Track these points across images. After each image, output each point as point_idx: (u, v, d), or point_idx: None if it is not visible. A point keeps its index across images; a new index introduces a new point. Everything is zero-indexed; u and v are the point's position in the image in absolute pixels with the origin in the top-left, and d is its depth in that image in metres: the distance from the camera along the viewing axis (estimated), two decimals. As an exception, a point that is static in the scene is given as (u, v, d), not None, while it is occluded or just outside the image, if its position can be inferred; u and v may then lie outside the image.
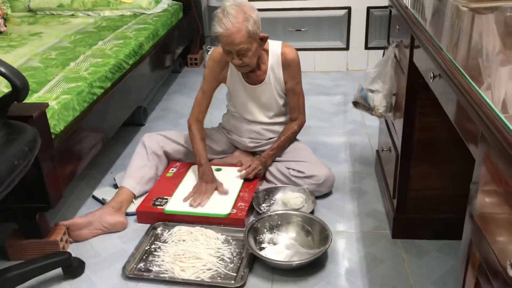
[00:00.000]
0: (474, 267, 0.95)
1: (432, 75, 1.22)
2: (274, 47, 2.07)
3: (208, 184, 2.01)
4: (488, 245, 0.86)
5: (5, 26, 2.94)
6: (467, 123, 0.95)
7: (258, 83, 2.10)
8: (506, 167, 0.75)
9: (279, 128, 2.21)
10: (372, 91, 1.85)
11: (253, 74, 2.08)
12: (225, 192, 2.00)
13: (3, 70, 1.40)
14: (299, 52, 2.14)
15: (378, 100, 1.83)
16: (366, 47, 3.55)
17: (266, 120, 2.19)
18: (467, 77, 0.91)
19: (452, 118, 1.09)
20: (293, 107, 2.16)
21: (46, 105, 1.64)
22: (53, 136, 1.72)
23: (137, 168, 2.10)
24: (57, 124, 1.77)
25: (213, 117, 2.60)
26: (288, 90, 2.12)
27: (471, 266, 0.97)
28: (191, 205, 1.94)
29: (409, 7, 1.61)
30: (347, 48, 3.56)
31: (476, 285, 0.94)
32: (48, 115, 1.70)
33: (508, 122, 0.72)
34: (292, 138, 2.19)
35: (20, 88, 1.43)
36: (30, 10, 3.43)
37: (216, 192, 2.02)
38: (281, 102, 2.16)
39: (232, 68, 2.09)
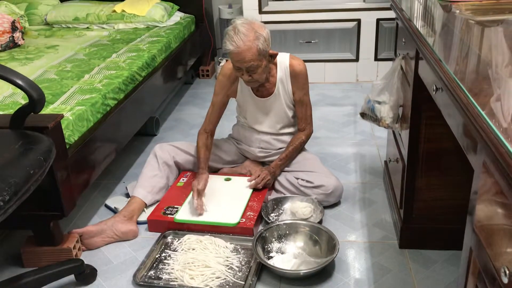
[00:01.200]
0: (474, 274, 0.97)
1: (435, 87, 1.25)
2: (282, 59, 2.11)
3: (194, 181, 2.04)
4: (486, 253, 0.88)
5: (23, 39, 3.02)
6: (466, 135, 0.98)
7: (267, 95, 2.14)
8: (501, 178, 0.78)
9: (288, 138, 2.24)
10: (379, 103, 1.87)
11: (263, 87, 2.12)
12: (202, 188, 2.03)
13: (20, 82, 1.46)
14: (310, 64, 2.18)
15: (385, 112, 1.85)
16: (376, 59, 3.58)
17: (275, 131, 2.23)
18: (464, 90, 0.94)
19: (453, 129, 1.12)
20: (300, 118, 2.20)
21: (61, 116, 1.70)
22: (67, 146, 1.78)
23: (148, 178, 2.15)
24: (71, 135, 1.82)
25: (224, 128, 2.64)
26: (296, 101, 2.16)
27: (471, 274, 0.99)
28: (200, 214, 1.97)
29: (413, 19, 1.64)
30: (357, 60, 3.59)
31: (476, 293, 0.95)
32: (63, 126, 1.76)
33: (501, 135, 0.75)
34: (300, 148, 2.22)
35: (36, 100, 1.48)
36: (46, 24, 3.53)
37: (225, 201, 2.05)
38: (290, 113, 2.19)
39: (242, 83, 2.14)
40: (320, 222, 1.99)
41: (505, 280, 0.73)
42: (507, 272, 0.72)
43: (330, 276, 1.74)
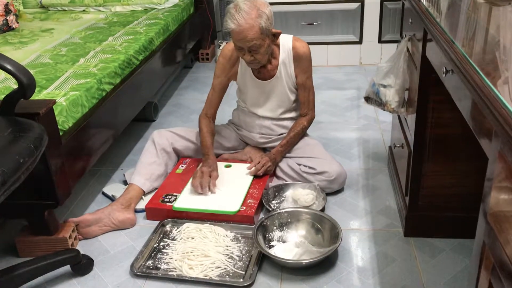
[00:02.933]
0: (488, 269, 0.91)
1: (444, 70, 1.18)
2: (285, 41, 2.03)
3: (210, 168, 2.00)
4: (500, 246, 0.82)
5: (17, 22, 2.94)
6: (480, 120, 0.92)
7: (269, 78, 2.07)
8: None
9: (290, 124, 2.18)
10: (384, 86, 1.81)
11: (264, 69, 2.05)
12: (214, 179, 1.99)
13: (8, 67, 1.39)
14: (312, 46, 2.10)
15: (390, 95, 1.79)
16: (380, 41, 3.49)
17: (277, 115, 2.16)
18: (480, 73, 0.87)
19: (465, 114, 1.05)
20: (303, 102, 2.13)
21: (54, 102, 1.63)
22: (61, 133, 1.72)
23: (146, 164, 2.09)
24: (65, 121, 1.76)
25: (224, 113, 2.57)
26: (298, 85, 2.09)
27: (484, 268, 0.93)
28: (200, 193, 1.94)
29: (422, -1, 1.57)
30: (360, 42, 3.51)
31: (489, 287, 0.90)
32: (56, 112, 1.69)
33: (522, 120, 0.68)
34: (302, 134, 2.16)
35: (26, 85, 1.42)
36: (42, 6, 3.44)
37: (225, 188, 1.99)
38: (292, 97, 2.13)
39: (242, 65, 2.07)
40: (323, 209, 1.93)
41: (526, 279, 0.67)
42: (528, 271, 0.66)
43: (333, 265, 1.69)
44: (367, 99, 1.91)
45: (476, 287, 0.96)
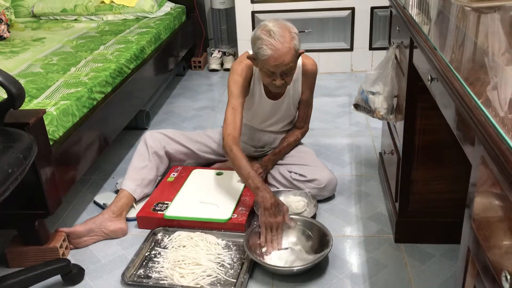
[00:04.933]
0: (473, 275, 0.92)
1: (430, 77, 1.20)
2: None
3: (275, 216, 1.74)
4: (484, 253, 0.83)
5: (9, 32, 2.95)
6: (463, 127, 0.93)
7: (279, 97, 2.06)
8: (499, 173, 0.73)
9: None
10: (373, 93, 1.82)
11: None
12: (292, 225, 1.79)
13: (-3, 77, 1.40)
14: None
15: (379, 102, 1.80)
16: (371, 48, 3.52)
17: (277, 129, 2.18)
18: (461, 80, 0.88)
19: (449, 121, 1.07)
20: (301, 116, 2.14)
21: (43, 111, 1.64)
22: (51, 143, 1.72)
23: (137, 169, 2.08)
24: (55, 130, 1.76)
25: (216, 120, 2.59)
26: (302, 100, 2.09)
27: (469, 275, 0.94)
28: (266, 251, 1.73)
29: (407, 7, 1.58)
30: (351, 49, 3.53)
31: (474, 294, 0.91)
32: (47, 122, 1.69)
33: (500, 129, 0.70)
34: (294, 145, 2.18)
35: (15, 95, 1.42)
36: (34, 16, 3.45)
37: (216, 196, 1.99)
38: (294, 112, 2.15)
39: (254, 82, 2.02)
40: (314, 216, 1.94)
41: (506, 286, 0.68)
42: (508, 277, 0.67)
43: (325, 272, 1.69)
44: (356, 106, 1.92)
45: (462, 293, 0.97)
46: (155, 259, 1.76)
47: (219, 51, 3.80)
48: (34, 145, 1.44)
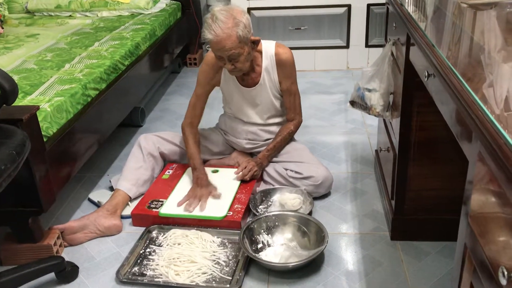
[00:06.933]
0: (469, 272, 0.91)
1: (426, 73, 1.19)
2: (268, 47, 2.03)
3: (202, 188, 1.97)
4: (481, 249, 0.82)
5: (2, 28, 2.92)
6: (459, 123, 0.92)
7: (253, 85, 2.07)
8: (498, 170, 0.72)
9: (276, 129, 2.18)
10: (369, 90, 1.81)
11: (248, 76, 2.05)
12: (218, 196, 1.97)
13: (-10, 73, 1.38)
14: (299, 51, 2.10)
15: (375, 99, 1.79)
16: (367, 45, 3.51)
17: (262, 121, 2.16)
18: (459, 76, 0.88)
19: (446, 117, 1.06)
20: (289, 107, 2.13)
21: (37, 108, 1.62)
22: (45, 139, 1.70)
23: (133, 169, 2.08)
24: (49, 127, 1.74)
25: (211, 117, 2.57)
26: (283, 91, 2.09)
27: (466, 271, 0.93)
28: (186, 210, 1.90)
29: (404, 4, 1.58)
30: (347, 46, 3.52)
31: (471, 291, 0.90)
32: (40, 118, 1.68)
33: (498, 124, 0.69)
34: (288, 139, 2.16)
35: (8, 91, 1.40)
36: (28, 12, 3.42)
37: (210, 196, 1.99)
38: (277, 103, 2.13)
39: (226, 72, 2.06)
40: (310, 213, 1.93)
41: (504, 281, 0.67)
42: (506, 273, 0.67)
43: (320, 269, 1.69)
44: (353, 103, 1.91)
45: (458, 289, 0.96)
46: (150, 256, 1.75)
47: (210, 50, 3.77)
48: (27, 141, 1.42)
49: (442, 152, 1.66)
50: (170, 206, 1.94)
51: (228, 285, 1.60)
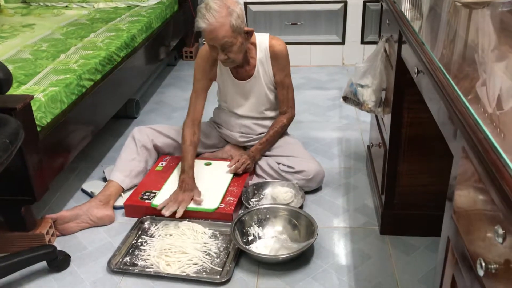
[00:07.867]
0: (452, 264, 0.94)
1: (416, 70, 1.21)
2: (262, 40, 2.04)
3: (185, 192, 1.89)
4: (463, 242, 0.84)
5: (-2, 17, 2.92)
6: (446, 120, 0.94)
7: (247, 78, 2.08)
8: (479, 164, 0.74)
9: (270, 123, 2.19)
10: (362, 86, 1.83)
11: (242, 69, 2.06)
12: (199, 203, 1.90)
13: (-16, 61, 1.39)
14: (295, 46, 2.11)
15: (368, 95, 1.81)
16: (362, 42, 3.52)
17: (256, 115, 2.17)
18: (444, 72, 0.89)
19: (434, 114, 1.08)
20: (282, 100, 2.14)
21: (31, 97, 1.63)
22: (39, 129, 1.71)
23: (126, 161, 2.09)
24: (43, 117, 1.75)
25: (206, 111, 2.57)
26: (277, 83, 2.10)
27: (448, 264, 0.96)
28: (163, 213, 1.83)
29: (397, 1, 1.59)
30: (343, 43, 3.54)
31: (452, 282, 0.93)
32: (34, 108, 1.69)
33: (480, 120, 0.71)
34: (281, 132, 2.17)
35: (2, 80, 1.41)
36: (24, 1, 3.41)
37: (204, 186, 2.00)
38: (271, 96, 2.14)
39: (221, 65, 2.07)
40: (301, 207, 1.95)
41: (481, 272, 0.69)
42: (483, 264, 0.69)
43: (309, 262, 1.71)
44: (345, 98, 1.93)
45: (441, 282, 0.99)
46: (141, 247, 1.77)
47: (204, 44, 3.78)
48: (21, 130, 1.43)
49: (431, 148, 1.68)
50: (163, 198, 1.95)
51: (218, 276, 1.62)
